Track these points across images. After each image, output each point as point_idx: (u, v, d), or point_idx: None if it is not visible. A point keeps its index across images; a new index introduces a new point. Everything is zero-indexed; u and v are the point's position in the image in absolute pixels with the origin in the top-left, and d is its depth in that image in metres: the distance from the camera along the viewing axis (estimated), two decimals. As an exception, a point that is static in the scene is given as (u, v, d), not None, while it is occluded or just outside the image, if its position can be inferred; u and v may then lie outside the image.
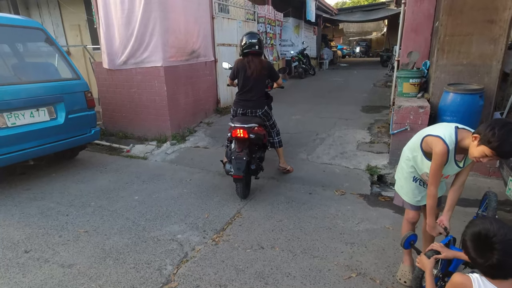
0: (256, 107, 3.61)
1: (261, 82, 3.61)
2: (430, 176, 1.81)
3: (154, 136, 5.32)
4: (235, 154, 3.25)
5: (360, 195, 3.46)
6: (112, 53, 5.07)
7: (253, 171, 3.37)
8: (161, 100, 5.09)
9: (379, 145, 4.54)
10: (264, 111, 3.67)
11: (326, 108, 6.73)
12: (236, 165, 3.18)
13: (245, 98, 3.61)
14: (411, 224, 2.10)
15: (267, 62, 3.68)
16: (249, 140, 3.30)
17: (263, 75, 3.57)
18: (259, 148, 3.71)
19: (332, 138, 4.91)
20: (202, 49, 5.77)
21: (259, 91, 3.61)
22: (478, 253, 1.15)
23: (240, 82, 3.63)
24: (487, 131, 1.49)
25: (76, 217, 3.05)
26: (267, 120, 3.77)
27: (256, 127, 3.35)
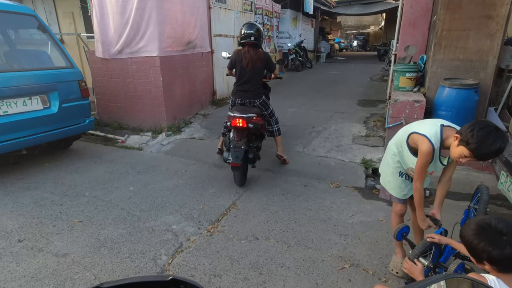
0: (254, 97, 3.65)
1: (258, 73, 3.63)
2: (416, 173, 1.82)
3: (149, 127, 5.28)
4: (234, 143, 3.29)
5: (354, 188, 3.49)
6: (107, 42, 4.98)
7: (250, 159, 3.45)
8: (156, 91, 5.04)
9: (375, 138, 4.56)
10: (262, 101, 3.72)
11: (323, 101, 6.73)
12: (235, 154, 3.22)
13: (242, 88, 3.65)
14: (399, 217, 2.13)
15: (263, 53, 3.68)
16: (247, 129, 3.35)
17: (259, 66, 3.58)
18: (257, 137, 3.75)
19: (328, 131, 4.92)
20: (199, 39, 5.70)
21: (256, 82, 3.64)
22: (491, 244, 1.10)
23: (237, 73, 3.66)
24: (468, 131, 1.49)
25: (70, 207, 3.04)
26: (265, 110, 3.82)
27: (254, 117, 3.40)
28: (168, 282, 0.64)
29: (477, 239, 1.14)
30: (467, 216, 2.24)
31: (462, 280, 0.86)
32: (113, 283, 0.63)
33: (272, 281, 2.10)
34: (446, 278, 0.80)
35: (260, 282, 2.10)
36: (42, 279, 2.10)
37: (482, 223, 1.17)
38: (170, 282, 0.64)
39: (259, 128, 3.50)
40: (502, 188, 2.20)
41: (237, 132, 3.34)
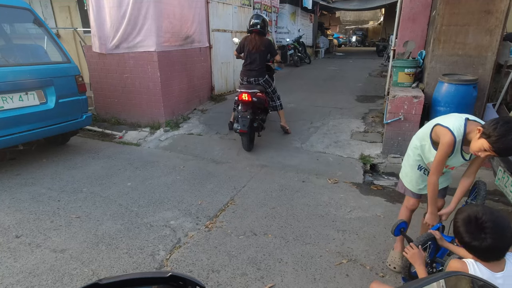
0: (258, 76, 4.30)
1: (262, 55, 4.27)
2: (433, 165, 1.81)
3: (147, 122, 5.26)
4: (241, 113, 3.98)
5: (353, 183, 3.49)
6: (104, 37, 4.93)
7: (255, 128, 4.18)
8: (154, 86, 5.01)
9: (373, 134, 4.56)
10: (265, 79, 4.37)
11: (321, 97, 6.71)
12: (242, 122, 3.92)
13: (249, 68, 4.31)
14: (409, 211, 2.13)
15: (266, 40, 4.31)
16: (252, 103, 4.00)
17: (262, 50, 4.23)
18: (261, 111, 4.41)
19: (326, 127, 4.91)
20: (197, 34, 5.65)
21: (260, 63, 4.29)
22: (472, 236, 1.19)
23: (245, 55, 4.32)
24: (491, 125, 1.48)
25: (68, 202, 3.03)
26: (268, 87, 4.46)
27: (258, 93, 4.07)
28: (167, 278, 0.64)
29: (463, 227, 1.24)
30: (464, 211, 2.24)
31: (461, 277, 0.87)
32: (112, 279, 0.62)
33: (270, 276, 2.11)
34: (445, 277, 0.80)
35: (258, 277, 2.11)
36: (40, 275, 2.10)
37: (472, 213, 1.23)
38: (169, 278, 0.64)
39: (262, 102, 4.17)
40: (499, 184, 2.21)
41: (244, 105, 4.03)
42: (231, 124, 4.50)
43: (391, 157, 3.85)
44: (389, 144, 3.90)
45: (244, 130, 3.92)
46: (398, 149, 3.87)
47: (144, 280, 0.66)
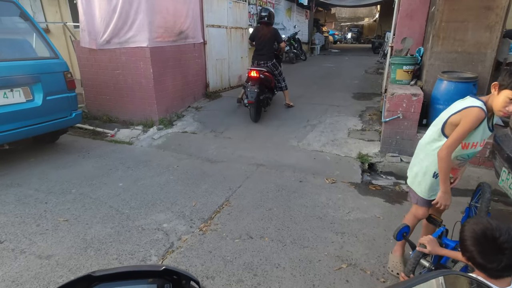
0: (267, 59, 5.14)
1: (269, 43, 5.11)
2: (450, 139, 1.65)
3: (140, 120, 5.12)
4: (249, 87, 4.65)
5: (351, 183, 3.42)
6: (94, 32, 4.77)
7: (261, 100, 4.86)
8: (147, 83, 4.87)
9: (371, 132, 4.49)
10: (273, 62, 5.20)
11: (318, 94, 6.62)
12: (250, 94, 4.59)
13: (259, 53, 5.17)
14: (417, 220, 2.01)
15: (273, 29, 5.14)
16: (260, 79, 4.71)
17: (269, 38, 5.06)
18: (268, 90, 5.14)
19: (323, 125, 4.83)
20: (191, 30, 5.51)
21: (268, 49, 5.13)
22: (487, 258, 1.06)
23: (256, 43, 5.18)
24: (504, 75, 1.47)
25: (55, 205, 2.90)
26: (275, 70, 5.25)
27: (265, 72, 4.88)
28: (161, 272, 0.63)
29: (475, 246, 1.10)
30: (468, 214, 2.17)
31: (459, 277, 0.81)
32: (105, 271, 0.61)
33: (267, 283, 2.02)
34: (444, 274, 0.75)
35: (255, 284, 2.02)
36: (23, 283, 1.99)
37: (487, 231, 1.09)
38: (163, 272, 0.63)
39: (269, 81, 4.99)
40: (503, 186, 2.14)
41: (252, 81, 4.71)
42: (239, 100, 5.48)
43: (389, 156, 3.78)
44: (387, 142, 3.84)
45: (252, 101, 4.58)
46: (397, 148, 3.81)
47: (138, 273, 0.65)
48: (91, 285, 0.60)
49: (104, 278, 0.61)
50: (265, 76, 4.82)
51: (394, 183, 3.45)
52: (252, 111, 4.80)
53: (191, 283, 0.67)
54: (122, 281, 0.63)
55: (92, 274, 0.59)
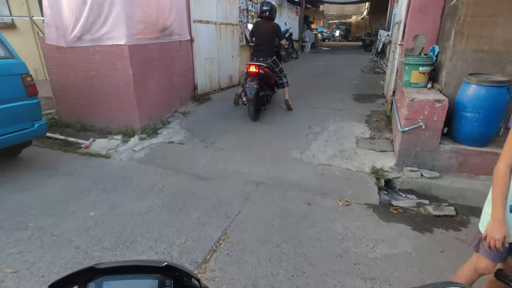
0: (267, 56, 4.80)
1: (270, 38, 4.76)
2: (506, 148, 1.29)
3: (119, 128, 4.48)
4: (248, 83, 4.35)
5: (368, 205, 2.92)
6: (62, 27, 4.09)
7: (261, 97, 4.59)
8: (126, 86, 4.23)
9: (381, 141, 4.02)
10: (273, 59, 4.86)
11: (315, 96, 6.13)
12: (249, 90, 4.30)
13: (258, 49, 4.81)
14: (477, 275, 1.52)
15: (275, 24, 4.82)
16: (259, 74, 4.41)
17: (270, 33, 4.72)
18: (268, 87, 4.88)
19: (327, 132, 4.33)
20: (176, 26, 4.89)
21: (268, 45, 4.79)
22: None
23: (256, 38, 4.83)
24: None
25: (4, 247, 2.27)
26: (276, 67, 4.93)
27: (265, 67, 4.61)
28: (163, 268, 0.63)
29: None
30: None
31: None
32: (108, 264, 0.63)
33: None
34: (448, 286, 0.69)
35: None
36: None
37: None
38: (165, 268, 0.63)
39: (269, 77, 4.70)
40: None
41: (251, 77, 4.41)
42: (237, 97, 5.23)
43: (407, 170, 3.31)
44: (404, 155, 3.36)
45: (251, 97, 4.29)
46: (416, 161, 3.34)
47: (140, 267, 0.65)
48: (93, 277, 0.62)
49: (106, 271, 0.63)
50: (265, 72, 4.56)
51: (417, 203, 2.98)
52: (251, 109, 4.50)
53: (192, 280, 0.65)
54: (124, 274, 0.63)
55: (95, 266, 0.62)
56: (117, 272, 0.63)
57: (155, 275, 0.63)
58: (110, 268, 0.62)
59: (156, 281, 0.63)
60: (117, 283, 0.62)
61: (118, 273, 0.63)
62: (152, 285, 0.62)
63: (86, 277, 0.61)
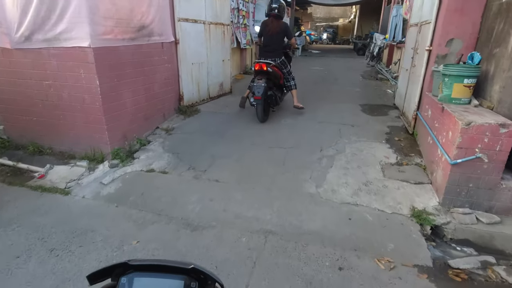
0: (275, 56, 4.52)
1: (279, 38, 4.50)
2: None
3: (84, 152, 3.56)
4: (256, 82, 4.16)
5: (418, 268, 2.16)
6: (5, 23, 3.14)
7: (269, 96, 4.32)
8: (92, 99, 3.32)
9: (412, 168, 3.28)
10: (281, 60, 4.58)
11: (320, 107, 5.38)
12: (257, 89, 4.07)
13: (267, 50, 4.53)
14: None
15: (283, 23, 4.54)
16: (267, 73, 4.24)
17: (278, 33, 4.44)
18: (277, 88, 4.64)
19: (344, 156, 3.56)
20: (156, 24, 4.01)
21: (277, 45, 4.51)
22: None
23: (264, 39, 4.58)
24: None
25: None
26: (284, 68, 4.65)
27: (273, 65, 4.32)
28: (189, 270, 0.66)
29: None
30: None
31: None
32: (140, 261, 0.67)
33: None
34: None
35: None
36: None
37: None
38: (191, 270, 0.66)
39: (277, 76, 4.45)
40: None
41: (259, 75, 4.26)
42: (243, 100, 4.77)
43: (459, 213, 2.57)
44: (453, 192, 2.63)
45: (258, 96, 4.07)
46: (467, 200, 2.61)
47: (168, 268, 0.67)
48: (125, 272, 0.66)
49: (138, 267, 0.67)
50: (273, 70, 4.35)
51: (481, 262, 2.24)
52: (259, 109, 4.27)
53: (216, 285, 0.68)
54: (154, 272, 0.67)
55: (128, 262, 0.66)
56: (147, 270, 0.68)
57: (182, 276, 0.67)
58: (141, 265, 0.67)
59: (182, 282, 0.66)
60: (147, 280, 0.67)
61: (148, 271, 0.68)
62: (178, 285, 0.66)
63: (119, 271, 0.67)
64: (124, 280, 0.65)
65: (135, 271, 0.66)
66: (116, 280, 0.66)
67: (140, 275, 0.66)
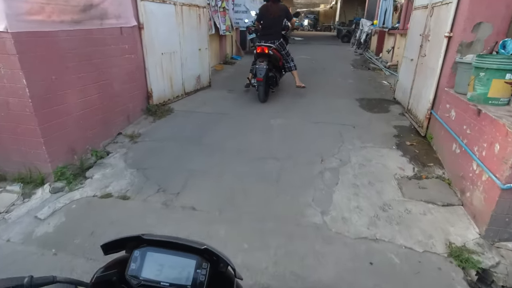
0: (274, 39, 4.73)
1: (279, 21, 4.71)
2: None
3: (18, 172, 2.71)
4: (258, 64, 4.40)
5: None
6: None
7: (270, 78, 4.59)
8: (20, 104, 2.46)
9: (434, 183, 2.68)
10: (280, 42, 4.77)
11: (314, 103, 4.71)
12: (259, 71, 4.36)
13: (266, 32, 4.76)
14: None
15: (283, 5, 4.73)
16: (268, 56, 4.50)
17: (279, 15, 4.65)
18: (276, 69, 4.85)
19: (350, 168, 2.91)
20: (111, 3, 3.14)
21: (276, 27, 4.73)
22: None
23: (264, 22, 4.75)
24: None
25: None
26: (282, 50, 4.82)
27: (274, 48, 4.60)
28: (202, 250, 0.67)
29: None
30: None
31: None
32: (153, 236, 0.68)
33: None
34: None
35: None
36: None
37: None
38: (204, 251, 0.67)
39: (277, 59, 4.72)
40: None
41: (261, 57, 4.49)
42: (248, 84, 4.97)
43: (509, 249, 1.99)
44: (500, 222, 2.04)
45: (260, 78, 4.30)
46: (517, 232, 2.03)
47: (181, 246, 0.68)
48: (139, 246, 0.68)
49: (151, 242, 0.69)
50: (273, 53, 4.55)
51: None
52: (261, 90, 4.48)
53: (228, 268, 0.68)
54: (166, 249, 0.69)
55: (142, 236, 0.67)
56: (160, 245, 0.69)
57: (194, 256, 0.68)
58: (154, 240, 0.68)
59: (194, 261, 0.67)
60: (159, 256, 0.68)
61: (161, 246, 0.68)
62: (190, 264, 0.67)
63: (133, 245, 0.68)
64: (137, 253, 0.67)
65: (148, 246, 0.67)
66: (130, 253, 0.68)
67: (153, 250, 0.67)
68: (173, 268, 0.67)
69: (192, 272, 0.66)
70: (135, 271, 0.66)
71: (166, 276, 0.66)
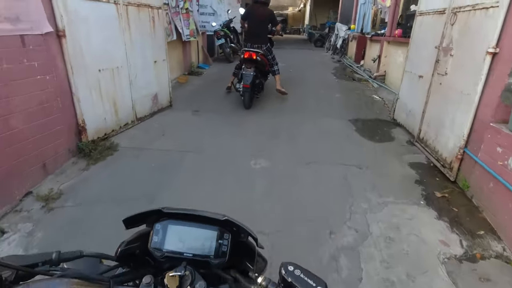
0: (261, 42, 4.64)
1: (264, 25, 4.66)
2: None
3: None
4: (245, 70, 4.31)
5: None
6: None
7: (256, 85, 4.53)
8: None
9: (495, 268, 1.84)
10: (267, 46, 4.71)
11: (298, 127, 3.80)
12: (246, 78, 4.26)
13: (253, 36, 4.65)
14: None
15: (269, 10, 4.69)
16: (255, 62, 4.39)
17: (264, 20, 4.60)
18: (262, 75, 4.80)
19: (374, 248, 1.99)
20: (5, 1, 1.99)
21: (263, 32, 4.68)
22: None
23: (250, 24, 4.66)
24: None
25: None
26: (269, 54, 4.75)
27: (261, 54, 4.48)
28: (222, 222, 0.65)
29: None
30: None
31: None
32: (174, 209, 0.66)
33: None
34: None
35: None
36: None
37: None
38: (224, 222, 0.65)
39: (264, 64, 4.60)
40: None
41: (248, 63, 4.37)
42: (229, 88, 5.02)
43: None
44: None
45: (248, 84, 4.22)
46: None
47: (201, 218, 0.66)
48: (159, 219, 0.66)
49: (172, 215, 0.66)
50: (261, 59, 4.43)
51: None
52: (247, 96, 4.35)
53: (249, 238, 0.67)
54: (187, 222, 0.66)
55: (162, 209, 0.65)
56: (181, 218, 0.67)
57: (215, 227, 0.66)
58: (175, 213, 0.66)
59: (216, 232, 0.65)
60: (180, 228, 0.66)
61: (182, 219, 0.66)
62: (211, 236, 0.65)
63: (154, 218, 0.66)
64: (158, 226, 0.66)
65: (170, 219, 0.67)
66: (151, 227, 0.67)
67: (174, 223, 0.66)
68: (195, 239, 0.65)
69: (214, 243, 0.64)
70: (158, 244, 0.64)
71: (188, 248, 0.64)
